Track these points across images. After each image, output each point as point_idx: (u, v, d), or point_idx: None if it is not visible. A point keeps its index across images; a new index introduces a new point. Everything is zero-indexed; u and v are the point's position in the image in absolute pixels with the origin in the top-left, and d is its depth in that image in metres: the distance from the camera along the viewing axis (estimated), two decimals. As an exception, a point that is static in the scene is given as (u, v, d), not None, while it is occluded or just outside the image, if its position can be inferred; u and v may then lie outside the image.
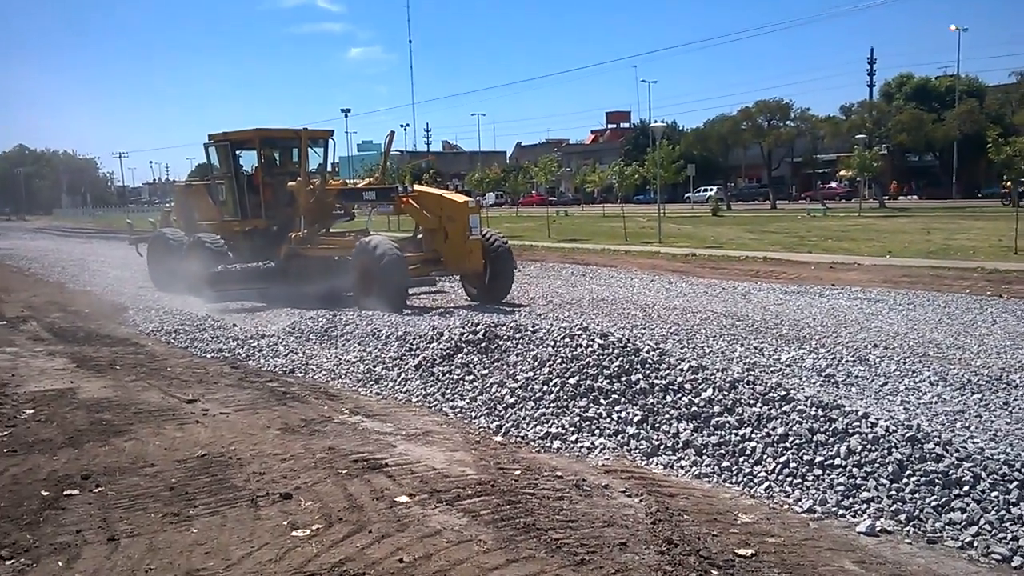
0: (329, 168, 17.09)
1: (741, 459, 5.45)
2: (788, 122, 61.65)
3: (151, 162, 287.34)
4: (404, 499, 4.84)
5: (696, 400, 6.08)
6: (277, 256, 14.99)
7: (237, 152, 16.23)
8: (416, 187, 14.58)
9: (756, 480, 5.24)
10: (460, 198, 13.66)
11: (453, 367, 7.88)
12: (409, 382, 7.94)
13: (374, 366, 8.52)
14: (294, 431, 6.41)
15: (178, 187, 19.93)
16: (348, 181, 17.76)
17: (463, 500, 4.82)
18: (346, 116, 76.73)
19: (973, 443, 5.21)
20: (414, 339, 8.85)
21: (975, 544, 4.28)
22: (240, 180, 16.12)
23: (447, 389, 7.55)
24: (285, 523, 4.54)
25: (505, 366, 7.53)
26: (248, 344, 10.11)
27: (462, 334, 8.30)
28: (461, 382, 7.59)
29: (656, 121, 51.94)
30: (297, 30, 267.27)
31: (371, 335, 9.68)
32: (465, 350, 8.07)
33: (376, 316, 11.29)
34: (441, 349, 8.21)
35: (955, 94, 59.89)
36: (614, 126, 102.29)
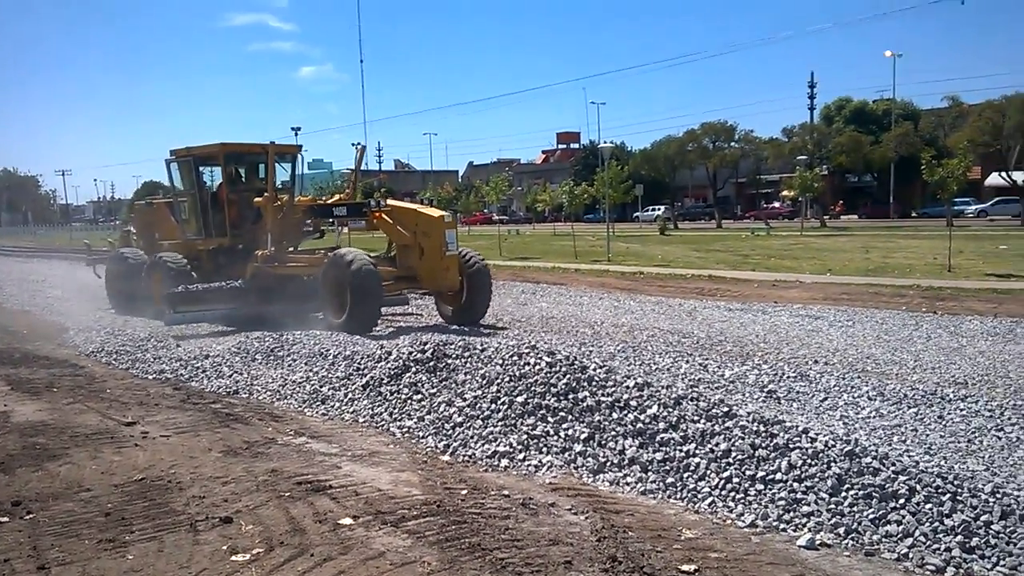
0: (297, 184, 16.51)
1: (685, 475, 5.51)
2: (733, 143, 62.97)
3: (95, 180, 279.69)
4: (348, 521, 4.78)
5: (642, 417, 6.13)
6: (244, 275, 14.29)
7: (200, 168, 15.58)
8: (390, 202, 13.89)
9: (700, 496, 5.30)
10: (436, 212, 13.07)
11: (401, 386, 7.83)
12: (356, 402, 7.86)
13: (320, 386, 8.42)
14: (236, 453, 6.29)
15: (138, 205, 19.07)
16: (319, 198, 17.18)
17: (408, 521, 4.78)
18: (296, 134, 75.86)
19: (909, 456, 5.35)
20: (362, 358, 8.77)
21: (911, 555, 4.38)
22: (204, 197, 15.42)
23: (394, 409, 7.49)
24: (225, 547, 4.44)
25: (453, 385, 7.51)
26: (191, 365, 9.90)
27: (410, 353, 8.25)
28: (409, 401, 7.54)
29: (605, 142, 52.64)
30: (248, 48, 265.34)
31: (318, 355, 9.56)
32: (413, 369, 8.02)
33: (324, 335, 11.16)
34: (389, 368, 8.15)
35: (891, 117, 61.85)
36: (564, 146, 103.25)
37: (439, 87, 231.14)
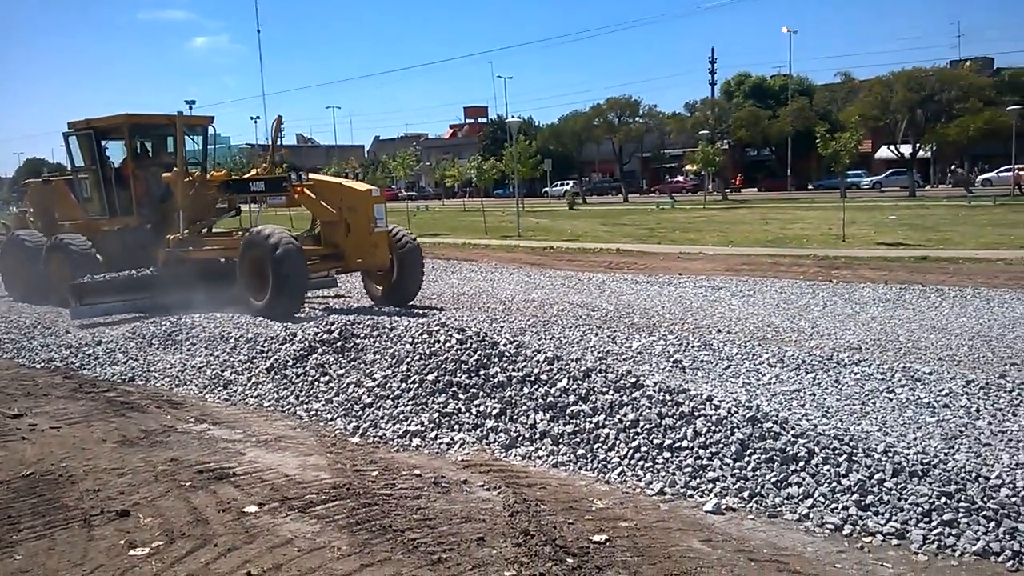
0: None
1: (595, 446, 5.56)
2: (637, 118, 64.05)
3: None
4: (253, 509, 4.63)
5: (552, 391, 6.15)
6: (154, 261, 13.30)
7: (103, 142, 14.45)
8: (312, 175, 12.96)
9: (610, 466, 5.36)
10: (362, 186, 12.30)
11: (307, 368, 7.64)
12: (260, 386, 7.62)
13: (222, 371, 8.13)
14: (133, 443, 6.01)
15: (34, 184, 17.55)
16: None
17: (316, 506, 4.66)
18: (191, 108, 72.84)
19: (807, 420, 5.55)
20: (265, 340, 8.52)
21: (811, 516, 4.53)
22: (107, 173, 14.36)
23: (301, 392, 7.31)
24: (122, 542, 4.23)
25: (362, 365, 7.37)
26: (82, 352, 9.42)
27: (316, 334, 8.07)
28: (316, 383, 7.37)
29: (512, 116, 52.66)
30: (138, 16, 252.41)
31: (219, 338, 9.24)
32: (320, 350, 7.84)
33: (225, 318, 10.80)
34: (294, 350, 7.94)
35: (788, 92, 63.99)
36: (472, 121, 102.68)
37: (343, 59, 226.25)
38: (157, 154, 14.94)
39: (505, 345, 6.87)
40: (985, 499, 4.33)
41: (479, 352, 6.79)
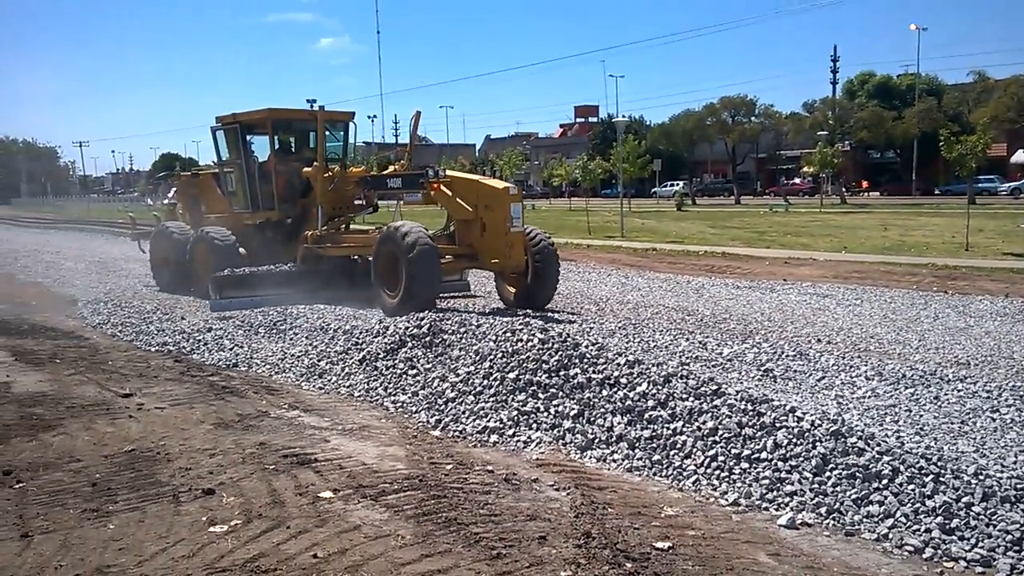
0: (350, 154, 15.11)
1: (672, 452, 5.49)
2: (753, 118, 62.33)
3: (113, 152, 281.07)
4: (328, 494, 4.81)
5: (631, 394, 6.11)
6: (292, 256, 13.37)
7: (247, 136, 14.49)
8: (450, 172, 12.50)
9: (685, 473, 5.28)
10: (500, 184, 11.79)
11: (397, 361, 7.86)
12: (352, 376, 7.89)
13: (319, 360, 8.46)
14: (227, 426, 6.34)
15: (183, 177, 17.86)
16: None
17: (388, 495, 4.80)
18: (311, 106, 75.60)
19: (896, 437, 5.30)
20: (361, 333, 8.81)
21: (890, 536, 4.35)
22: (251, 167, 14.43)
23: (389, 383, 7.52)
24: (204, 519, 4.49)
25: (448, 360, 7.52)
26: (194, 338, 9.98)
27: (407, 328, 8.28)
28: (404, 376, 7.57)
29: (622, 116, 52.21)
30: (266, 19, 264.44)
31: (319, 329, 9.61)
32: (409, 344, 8.05)
33: (327, 309, 11.21)
34: (386, 343, 8.18)
35: (915, 92, 60.85)
36: (582, 120, 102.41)
37: (456, 59, 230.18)
38: (299, 149, 14.95)
39: (587, 347, 6.86)
40: (1083, 531, 4.03)
41: (560, 352, 6.81)
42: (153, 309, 12.28)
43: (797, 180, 70.18)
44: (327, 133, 13.72)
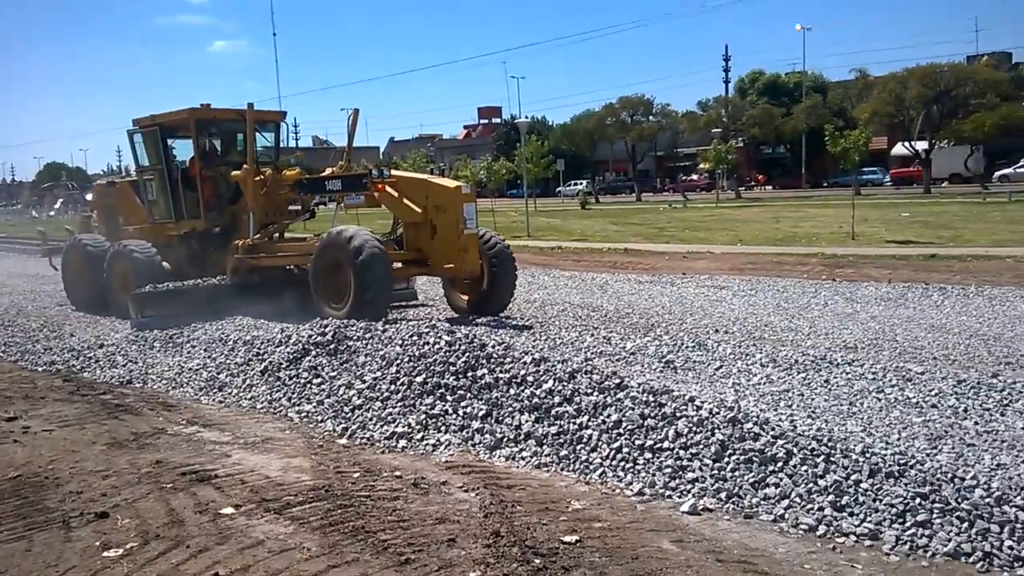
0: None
1: (578, 447, 5.57)
2: (650, 117, 63.81)
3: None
4: (229, 511, 4.67)
5: (538, 392, 6.17)
6: (221, 268, 12.42)
7: (168, 140, 13.33)
8: (396, 172, 11.71)
9: (591, 467, 5.36)
10: (451, 183, 11.07)
11: (300, 370, 7.69)
12: (254, 388, 7.68)
13: (218, 373, 8.21)
14: (122, 445, 6.08)
15: (98, 186, 16.57)
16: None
17: (292, 508, 4.70)
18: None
19: (789, 421, 5.52)
20: (262, 343, 8.58)
21: (786, 516, 4.53)
22: (173, 173, 13.23)
23: (293, 393, 7.36)
24: (97, 544, 4.29)
25: (354, 367, 7.42)
26: (84, 355, 9.53)
27: (310, 336, 8.12)
28: (308, 385, 7.42)
29: (524, 117, 52.66)
30: (155, 22, 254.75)
31: (218, 340, 9.31)
32: (313, 352, 7.90)
33: (227, 320, 10.85)
34: (288, 352, 8.00)
35: (802, 89, 63.59)
36: (486, 121, 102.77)
37: (357, 61, 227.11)
38: (226, 152, 13.88)
39: (494, 347, 6.89)
40: (959, 500, 4.30)
41: (468, 354, 6.82)
42: (39, 327, 11.67)
43: (694, 176, 72.38)
44: (256, 134, 12.77)
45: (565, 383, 6.14)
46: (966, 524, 4.16)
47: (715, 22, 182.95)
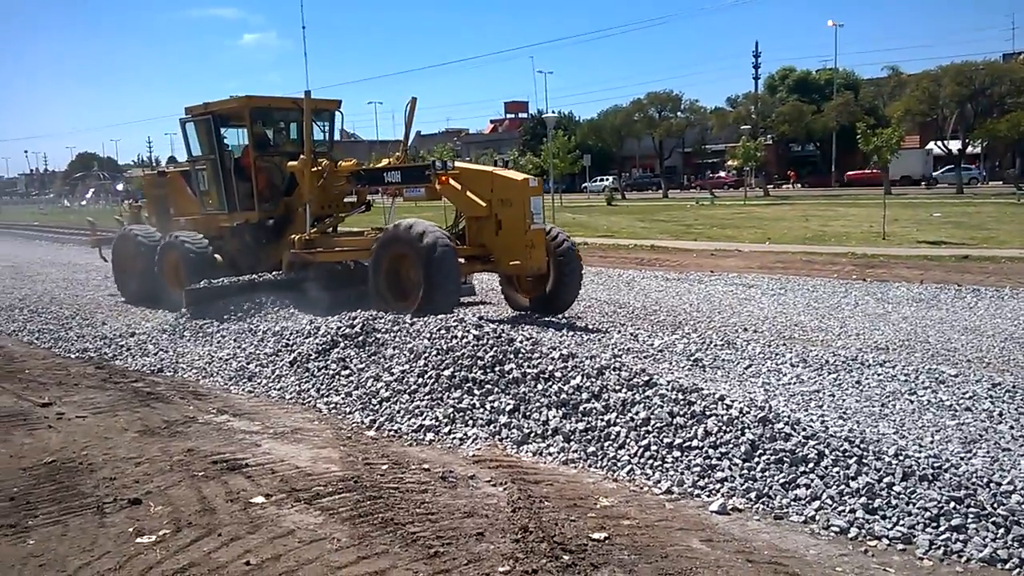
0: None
1: (606, 444, 5.55)
2: (678, 113, 63.41)
3: (26, 152, 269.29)
4: (260, 500, 4.71)
5: (565, 388, 6.16)
6: (273, 261, 12.26)
7: (222, 129, 12.99)
8: (460, 164, 11.27)
9: (619, 464, 5.34)
10: (518, 175, 10.49)
11: (329, 362, 7.74)
12: (283, 379, 7.74)
13: (248, 363, 8.28)
14: (154, 433, 6.16)
15: (148, 176, 16.22)
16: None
17: (322, 498, 4.73)
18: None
19: (821, 421, 5.47)
20: (291, 334, 8.64)
21: (817, 518, 4.48)
22: (226, 163, 12.91)
23: (322, 385, 7.41)
24: (131, 530, 4.35)
25: (382, 359, 7.45)
26: (116, 343, 9.65)
27: (339, 328, 8.17)
28: (337, 377, 7.46)
29: (551, 111, 52.57)
30: (187, 14, 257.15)
31: (247, 331, 9.39)
32: (342, 344, 7.94)
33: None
34: (317, 344, 8.05)
35: (833, 87, 62.84)
36: (512, 116, 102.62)
37: (385, 55, 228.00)
38: (279, 142, 13.50)
39: (522, 342, 6.89)
40: (995, 505, 4.24)
41: (495, 348, 6.82)
42: (72, 315, 11.84)
43: (722, 173, 71.82)
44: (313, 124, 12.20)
45: (593, 379, 6.13)
46: (1002, 530, 4.10)
47: (745, 17, 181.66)
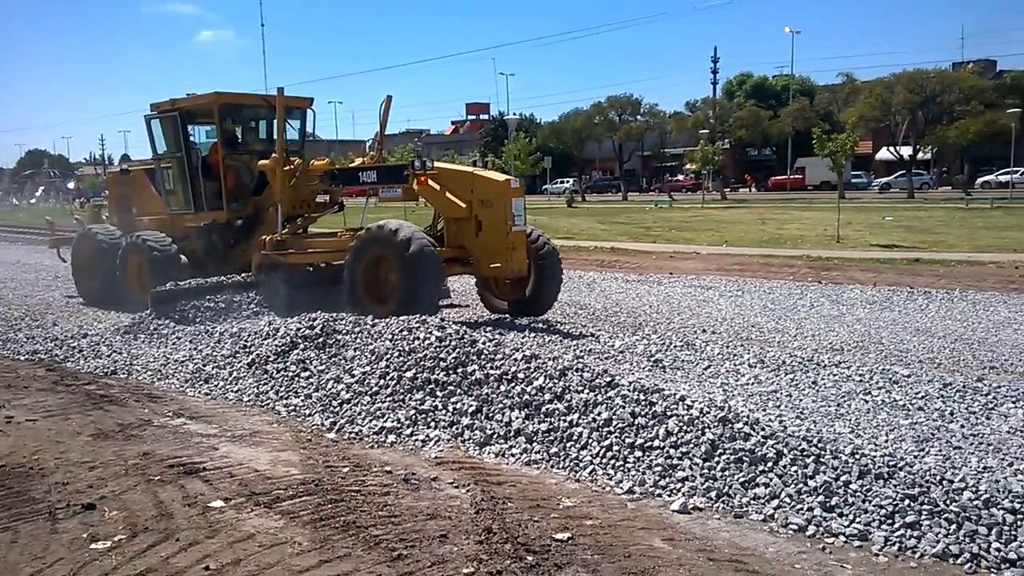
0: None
1: (568, 444, 5.56)
2: (638, 117, 64.04)
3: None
4: (219, 504, 4.63)
5: (528, 389, 6.16)
6: (241, 262, 11.98)
7: (189, 126, 12.67)
8: (439, 164, 11.01)
9: (582, 464, 5.36)
10: (500, 177, 10.35)
11: (288, 364, 7.64)
12: (241, 381, 7.62)
13: (204, 365, 8.13)
14: (107, 436, 6.02)
15: (111, 174, 15.70)
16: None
17: (283, 502, 4.67)
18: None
19: (779, 421, 5.56)
20: (249, 336, 8.52)
21: (776, 516, 4.54)
22: (193, 161, 12.56)
23: (281, 387, 7.31)
24: (84, 535, 4.24)
25: (342, 361, 7.38)
26: (67, 344, 9.42)
27: (298, 329, 8.07)
28: (296, 379, 7.37)
29: (513, 113, 52.66)
30: (142, 10, 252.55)
31: (203, 332, 9.25)
32: (301, 346, 7.85)
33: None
34: (276, 345, 7.94)
35: (789, 92, 63.96)
36: (474, 117, 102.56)
37: (346, 54, 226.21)
38: (248, 140, 13.22)
39: (484, 343, 6.88)
40: (948, 502, 4.34)
41: (458, 349, 6.80)
42: (21, 315, 11.54)
43: (680, 177, 72.64)
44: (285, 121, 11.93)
45: (556, 380, 6.14)
46: (954, 526, 4.20)
47: (704, 23, 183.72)
